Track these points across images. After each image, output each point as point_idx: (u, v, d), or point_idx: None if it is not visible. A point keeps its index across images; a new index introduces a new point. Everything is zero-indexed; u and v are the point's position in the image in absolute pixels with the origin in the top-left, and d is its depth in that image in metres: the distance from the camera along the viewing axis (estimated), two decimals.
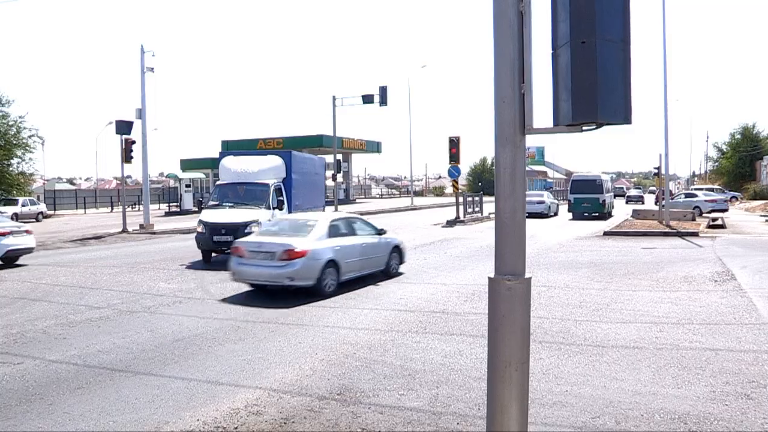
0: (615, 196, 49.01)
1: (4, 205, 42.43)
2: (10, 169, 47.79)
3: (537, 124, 4.28)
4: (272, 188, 19.31)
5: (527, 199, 24.47)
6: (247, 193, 19.22)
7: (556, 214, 41.42)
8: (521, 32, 4.22)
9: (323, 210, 25.29)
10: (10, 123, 48.35)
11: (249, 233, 16.33)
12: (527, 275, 4.36)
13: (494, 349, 4.42)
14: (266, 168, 19.74)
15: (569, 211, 39.02)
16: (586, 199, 37.66)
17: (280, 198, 19.42)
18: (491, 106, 4.35)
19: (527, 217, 5.40)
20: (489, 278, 4.45)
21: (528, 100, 4.22)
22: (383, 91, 44.73)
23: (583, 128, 4.04)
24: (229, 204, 18.99)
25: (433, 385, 7.19)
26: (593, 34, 3.75)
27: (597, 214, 37.55)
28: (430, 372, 7.70)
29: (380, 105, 44.88)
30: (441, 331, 9.83)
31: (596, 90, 3.75)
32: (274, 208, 18.75)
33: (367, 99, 45.75)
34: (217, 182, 20.49)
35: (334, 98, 48.19)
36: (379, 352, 8.66)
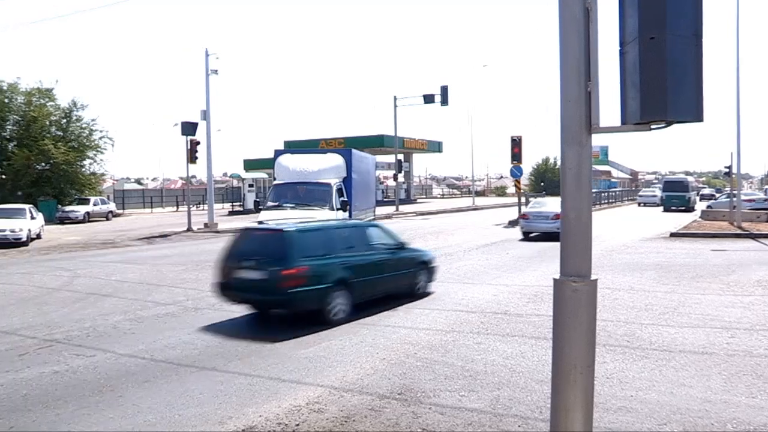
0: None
1: (78, 204, 44.00)
2: (83, 169, 49.60)
3: (603, 123, 4.19)
4: (334, 188, 18.56)
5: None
6: (307, 193, 18.56)
7: None
8: (587, 29, 4.14)
9: (374, 211, 25.39)
10: (83, 126, 50.23)
11: None
12: (593, 277, 4.27)
13: (559, 352, 4.34)
14: (327, 167, 19.02)
15: (661, 204, 49.21)
16: (675, 196, 47.14)
17: (344, 199, 18.57)
18: (555, 104, 4.28)
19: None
20: (554, 279, 4.37)
21: (594, 99, 4.14)
22: (444, 90, 44.62)
23: (652, 126, 3.93)
24: (290, 205, 18.16)
25: (495, 387, 7.12)
26: (663, 29, 3.64)
27: (683, 208, 45.33)
28: (491, 373, 7.62)
29: (441, 105, 44.81)
30: (503, 332, 9.73)
31: (666, 87, 3.65)
32: (337, 209, 17.93)
33: (428, 99, 45.74)
34: (274, 182, 19.72)
35: (395, 98, 48.36)
36: (440, 352, 8.62)
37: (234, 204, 54.22)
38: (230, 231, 30.63)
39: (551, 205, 24.49)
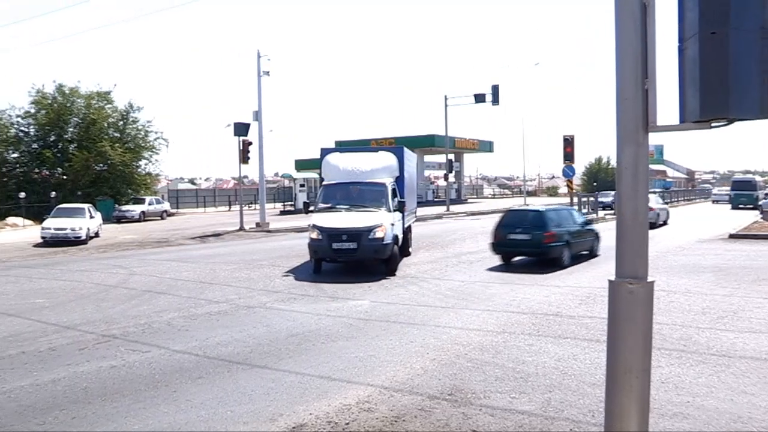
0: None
1: (133, 203, 45.10)
2: (139, 170, 50.86)
3: (661, 121, 4.09)
4: (390, 189, 17.38)
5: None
6: (361, 194, 17.25)
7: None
8: (644, 25, 4.04)
9: (416, 212, 24.87)
10: (139, 127, 51.53)
11: (375, 239, 15.45)
12: (649, 279, 4.17)
13: (614, 355, 4.25)
14: (380, 166, 17.85)
15: (729, 202, 52.04)
16: (744, 194, 50.15)
17: (400, 199, 17.39)
18: (609, 103, 4.21)
19: None
20: (609, 281, 4.28)
21: (651, 96, 4.04)
22: (495, 89, 44.28)
23: (712, 125, 3.82)
24: (344, 206, 16.77)
25: (546, 389, 7.02)
26: (726, 24, 3.53)
27: (751, 206, 46.32)
28: (542, 375, 7.52)
29: (492, 104, 44.47)
30: (554, 334, 9.60)
31: (728, 84, 3.54)
32: (394, 211, 16.78)
33: (479, 98, 45.44)
34: (324, 182, 18.09)
35: (446, 98, 48.23)
36: (490, 353, 8.55)
37: (285, 204, 54.77)
38: (282, 231, 31.13)
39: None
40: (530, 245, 16.89)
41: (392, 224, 16.17)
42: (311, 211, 17.09)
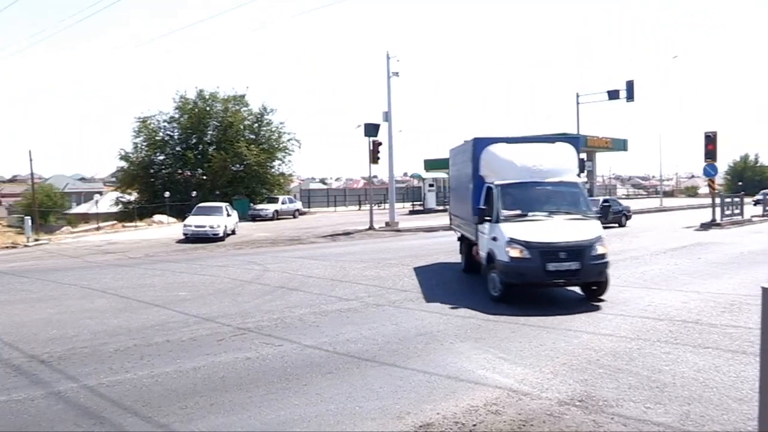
0: None
1: (267, 202, 46.96)
2: (272, 170, 52.93)
3: None
4: (585, 189, 14.20)
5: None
6: (553, 197, 13.64)
7: None
8: None
9: None
10: (273, 129, 53.64)
11: (598, 256, 12.13)
12: None
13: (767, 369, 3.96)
14: (563, 161, 14.11)
15: None
16: None
17: (605, 203, 14.84)
18: (757, 97, 3.91)
19: None
20: (762, 288, 4.00)
21: None
22: (630, 85, 42.59)
23: None
24: (542, 214, 13.04)
25: (684, 401, 6.66)
26: None
27: None
28: (680, 386, 7.14)
29: (627, 100, 42.81)
30: (694, 342, 9.08)
31: None
32: (598, 217, 13.40)
33: (613, 95, 43.85)
34: (495, 182, 13.63)
35: (577, 95, 46.97)
36: (624, 360, 8.22)
37: (414, 203, 55.16)
38: (411, 230, 31.39)
39: None
40: None
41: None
42: (487, 220, 13.32)
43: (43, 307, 12.85)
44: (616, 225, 31.76)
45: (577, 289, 13.04)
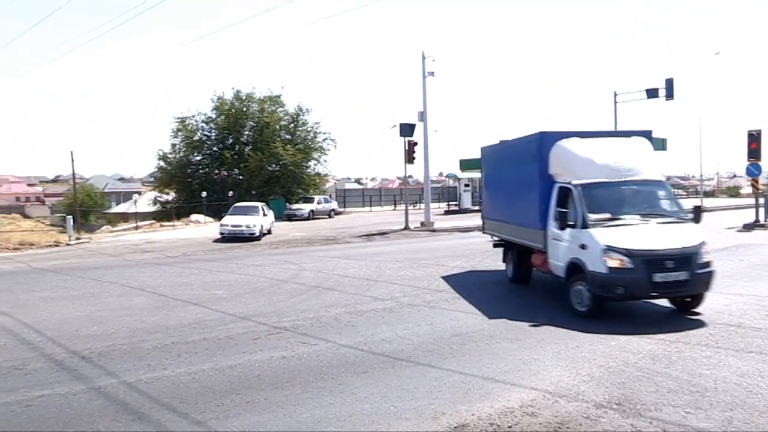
0: None
1: (303, 202, 47.23)
2: (308, 170, 53.27)
3: None
4: (671, 189, 12.98)
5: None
6: (642, 198, 12.32)
7: None
8: None
9: None
10: (308, 129, 53.99)
11: (704, 264, 10.84)
12: None
13: None
14: (642, 157, 12.68)
15: None
16: None
17: (697, 207, 12.62)
18: None
19: None
20: None
21: None
22: (669, 83, 41.76)
23: None
24: (634, 217, 11.59)
25: (726, 407, 6.50)
26: None
27: None
28: (722, 391, 6.98)
29: (666, 99, 41.98)
30: (736, 347, 8.87)
31: None
32: (691, 220, 11.93)
33: (651, 93, 43.05)
34: (574, 182, 12.06)
35: (615, 93, 46.27)
36: (663, 363, 8.07)
37: (450, 203, 54.95)
38: (446, 230, 31.28)
39: None
40: None
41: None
42: (570, 226, 11.68)
43: (84, 304, 13.13)
44: None
45: None
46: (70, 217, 34.25)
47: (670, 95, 41.52)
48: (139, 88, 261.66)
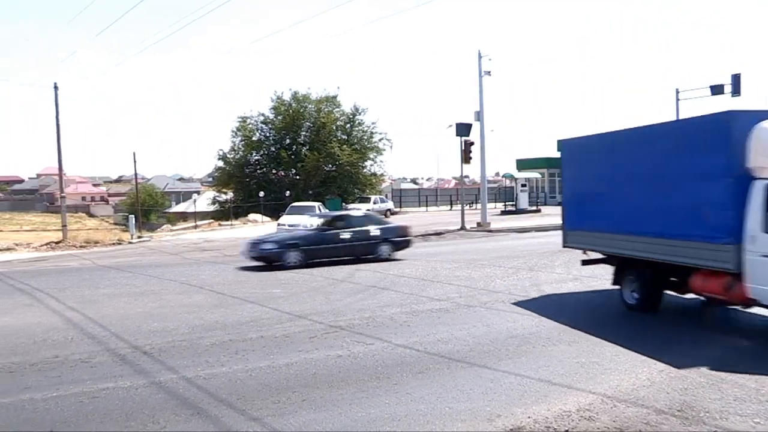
0: None
1: (359, 202, 47.45)
2: (364, 170, 53.53)
3: None
4: None
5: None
6: None
7: None
8: None
9: None
10: (365, 129, 54.24)
11: None
12: None
13: None
14: None
15: None
16: None
17: None
18: None
19: None
20: None
21: None
22: (735, 79, 40.31)
23: None
24: None
25: None
26: None
27: None
28: None
29: (732, 95, 40.53)
30: None
31: None
32: None
33: (716, 89, 41.64)
34: None
35: (677, 91, 45.03)
36: (727, 370, 7.81)
37: (506, 203, 54.46)
38: (503, 231, 31.00)
39: None
40: None
41: None
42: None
43: (146, 301, 13.47)
44: None
45: (670, 300, 12.25)
46: (132, 216, 35.27)
47: (736, 91, 40.09)
48: (200, 89, 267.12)
